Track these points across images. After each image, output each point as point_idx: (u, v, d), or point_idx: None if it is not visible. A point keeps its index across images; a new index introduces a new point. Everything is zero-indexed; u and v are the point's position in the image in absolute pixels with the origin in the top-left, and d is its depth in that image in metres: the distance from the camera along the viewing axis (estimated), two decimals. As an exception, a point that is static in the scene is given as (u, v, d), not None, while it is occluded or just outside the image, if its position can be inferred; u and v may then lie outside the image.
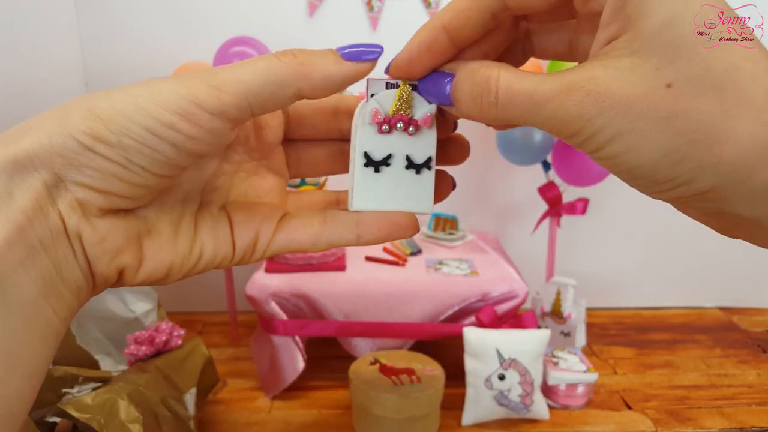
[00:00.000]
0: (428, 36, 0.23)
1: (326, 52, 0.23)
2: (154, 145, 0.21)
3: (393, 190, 0.26)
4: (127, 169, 0.21)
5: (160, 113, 0.20)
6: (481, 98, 0.21)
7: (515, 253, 1.12)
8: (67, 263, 0.21)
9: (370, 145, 0.26)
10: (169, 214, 0.24)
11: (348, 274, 0.92)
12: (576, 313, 0.98)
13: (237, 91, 0.21)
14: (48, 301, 0.20)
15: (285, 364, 0.88)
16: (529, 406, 0.81)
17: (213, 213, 0.25)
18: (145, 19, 1.07)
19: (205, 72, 0.22)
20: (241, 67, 0.21)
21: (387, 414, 0.76)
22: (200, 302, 1.21)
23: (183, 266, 0.24)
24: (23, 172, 0.20)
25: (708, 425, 0.83)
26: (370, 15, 1.08)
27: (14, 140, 0.20)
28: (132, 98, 0.21)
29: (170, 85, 0.21)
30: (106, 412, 0.65)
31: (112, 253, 0.22)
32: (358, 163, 0.26)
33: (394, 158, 0.26)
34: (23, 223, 0.19)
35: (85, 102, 0.21)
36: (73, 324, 0.95)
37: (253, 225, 0.25)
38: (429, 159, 0.26)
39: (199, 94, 0.21)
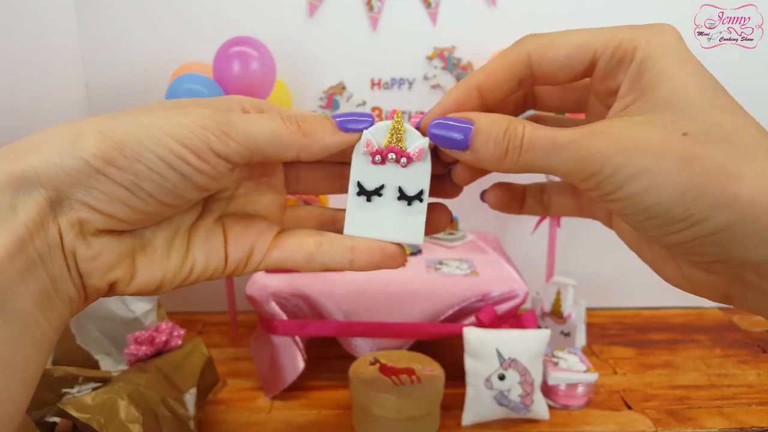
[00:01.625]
0: (462, 94, 0.25)
1: (325, 121, 0.25)
2: (164, 173, 0.22)
3: (384, 219, 0.27)
4: (134, 194, 0.22)
5: (172, 144, 0.21)
6: (508, 143, 0.23)
7: (515, 253, 1.12)
8: (62, 276, 0.22)
9: (363, 174, 0.27)
10: (165, 230, 0.25)
11: (348, 274, 0.92)
12: (576, 313, 0.98)
13: (244, 143, 0.23)
14: (43, 312, 0.21)
15: (285, 364, 0.88)
16: (529, 406, 0.81)
17: (208, 225, 0.26)
18: (144, 20, 1.07)
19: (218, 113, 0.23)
20: (251, 122, 0.23)
21: (387, 414, 0.76)
22: (200, 302, 1.21)
23: (174, 279, 0.25)
24: (28, 187, 0.20)
25: (708, 425, 0.84)
26: (370, 15, 1.08)
27: (23, 155, 0.21)
28: (145, 125, 0.21)
29: (183, 119, 0.22)
30: (106, 412, 0.65)
31: (105, 269, 0.23)
32: (351, 191, 0.27)
33: (386, 189, 0.27)
34: (24, 237, 0.20)
35: (98, 124, 0.21)
36: (73, 324, 0.95)
37: (248, 239, 0.26)
38: (421, 192, 0.27)
39: (210, 137, 0.22)
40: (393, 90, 1.12)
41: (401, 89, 1.12)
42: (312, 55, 1.10)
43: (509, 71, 0.24)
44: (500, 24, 1.09)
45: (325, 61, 1.11)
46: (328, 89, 1.12)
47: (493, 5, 1.08)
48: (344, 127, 0.25)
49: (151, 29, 1.08)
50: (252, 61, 0.91)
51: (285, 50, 1.05)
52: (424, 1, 1.08)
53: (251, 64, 0.91)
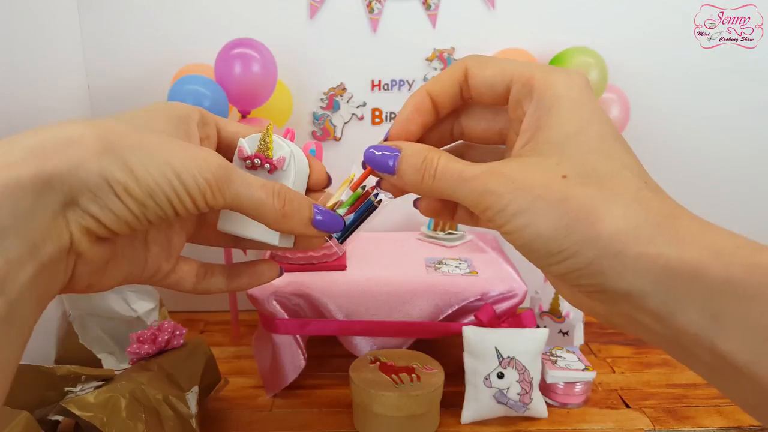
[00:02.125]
0: (418, 99, 0.29)
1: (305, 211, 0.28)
2: (165, 208, 0.24)
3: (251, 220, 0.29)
4: (138, 219, 0.24)
5: (179, 189, 0.24)
6: (424, 171, 0.27)
7: (514, 252, 1.12)
8: (57, 278, 0.23)
9: None
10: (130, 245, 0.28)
11: (348, 273, 0.93)
12: (574, 312, 0.98)
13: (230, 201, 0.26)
14: (35, 314, 0.22)
15: (286, 363, 0.89)
16: (528, 404, 0.82)
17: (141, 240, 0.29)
18: (146, 21, 1.08)
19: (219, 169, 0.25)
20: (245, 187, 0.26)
21: (387, 412, 0.77)
22: (202, 301, 1.21)
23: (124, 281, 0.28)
24: (50, 193, 0.21)
25: (706, 423, 0.84)
26: (370, 17, 1.09)
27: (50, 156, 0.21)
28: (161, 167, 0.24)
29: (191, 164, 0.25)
30: (108, 410, 0.65)
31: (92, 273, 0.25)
32: None
33: None
34: (38, 242, 0.21)
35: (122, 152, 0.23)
36: (76, 323, 0.95)
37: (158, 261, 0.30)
38: None
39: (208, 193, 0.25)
40: (393, 91, 1.13)
41: (401, 90, 1.13)
42: (313, 56, 1.11)
43: (452, 78, 0.28)
44: (499, 26, 1.10)
45: (325, 63, 1.11)
46: (329, 90, 1.13)
47: (492, 7, 1.09)
48: (318, 226, 0.28)
49: (153, 31, 1.08)
50: (253, 63, 0.92)
51: (286, 52, 1.06)
52: (424, 4, 1.08)
53: (252, 66, 0.92)
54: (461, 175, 0.25)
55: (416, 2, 1.08)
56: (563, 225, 0.22)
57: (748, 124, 1.12)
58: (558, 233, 0.22)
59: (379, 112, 1.14)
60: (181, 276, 0.30)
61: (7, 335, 0.20)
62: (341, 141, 1.16)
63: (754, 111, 1.13)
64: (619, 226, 0.22)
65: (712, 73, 1.11)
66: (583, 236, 0.22)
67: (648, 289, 0.21)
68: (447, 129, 0.31)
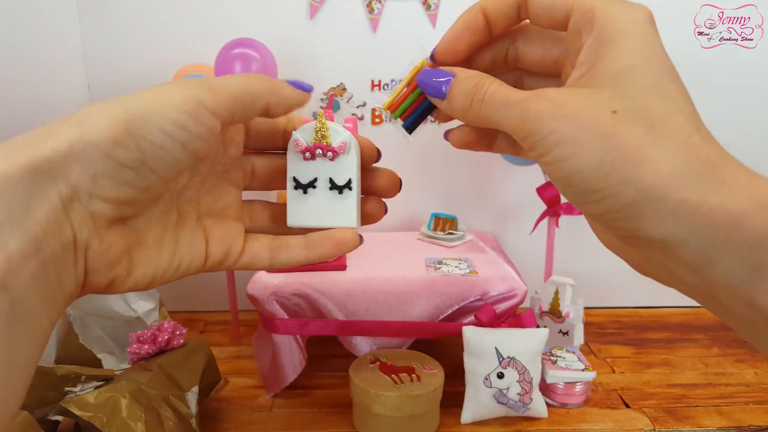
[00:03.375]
0: (470, 17, 0.27)
1: (281, 80, 0.28)
2: (167, 146, 0.23)
3: (320, 208, 0.30)
4: (138, 173, 0.23)
5: (172, 114, 0.23)
6: (473, 96, 0.26)
7: (514, 252, 1.12)
8: (67, 275, 0.22)
9: (298, 170, 0.30)
10: (156, 226, 0.26)
11: (348, 273, 0.93)
12: (574, 312, 0.98)
13: (227, 95, 0.25)
14: (46, 310, 0.21)
15: (286, 363, 0.89)
16: (528, 404, 0.82)
17: (191, 226, 0.28)
18: (146, 21, 1.08)
19: (199, 79, 0.25)
20: (229, 80, 0.26)
21: (387, 412, 0.77)
22: (202, 301, 1.22)
23: (164, 275, 0.27)
24: (41, 182, 0.21)
25: (706, 424, 0.84)
26: (370, 17, 1.09)
27: (34, 145, 0.21)
28: (145, 102, 0.23)
29: (175, 88, 0.24)
30: (108, 410, 0.66)
31: (111, 264, 0.24)
32: (288, 186, 0.30)
33: (318, 181, 0.30)
34: (39, 237, 0.20)
35: (101, 108, 0.23)
36: (76, 323, 0.95)
37: (226, 242, 0.29)
38: (349, 180, 0.30)
39: (203, 96, 0.24)
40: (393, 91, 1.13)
41: (401, 90, 1.13)
42: (313, 56, 1.11)
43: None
44: (499, 25, 1.10)
45: (325, 63, 1.11)
46: (329, 90, 1.13)
47: (493, 7, 1.09)
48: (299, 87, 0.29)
49: (153, 31, 1.08)
50: (253, 63, 0.92)
51: (286, 52, 1.06)
52: (424, 3, 1.08)
53: (252, 66, 0.92)
54: (507, 99, 0.24)
55: (416, 2, 1.08)
56: (607, 162, 0.21)
57: (748, 124, 1.12)
58: (600, 170, 0.21)
59: (380, 112, 1.14)
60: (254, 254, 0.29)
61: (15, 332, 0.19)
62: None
63: (754, 111, 1.13)
64: (663, 170, 0.21)
65: (712, 73, 1.11)
66: (625, 176, 0.21)
67: (686, 237, 0.20)
68: (501, 52, 0.29)
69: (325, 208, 0.30)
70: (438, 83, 0.27)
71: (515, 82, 0.30)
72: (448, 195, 1.18)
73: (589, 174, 0.22)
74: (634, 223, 0.22)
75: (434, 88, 0.27)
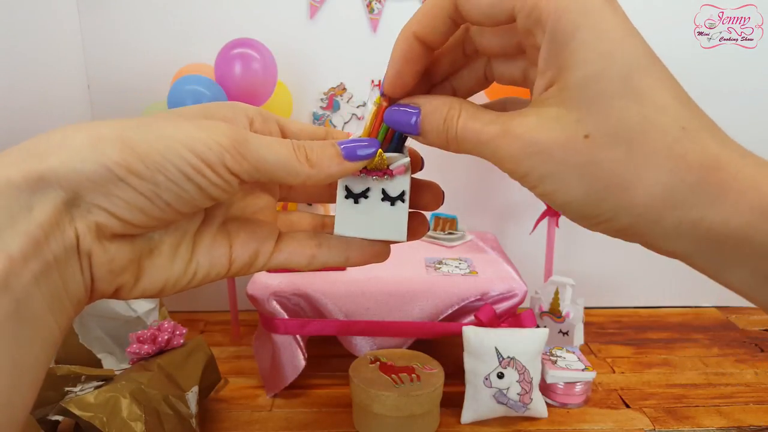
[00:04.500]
0: (404, 47, 0.25)
1: (331, 150, 0.25)
2: (183, 185, 0.22)
3: (370, 219, 0.29)
4: (152, 202, 0.22)
5: (191, 158, 0.22)
6: (446, 133, 0.24)
7: (514, 252, 1.12)
8: (73, 279, 0.22)
9: (350, 180, 0.29)
10: (173, 235, 0.25)
11: (348, 273, 0.93)
12: (574, 312, 0.98)
13: (255, 165, 0.23)
14: (53, 313, 0.21)
15: (286, 363, 0.89)
16: (528, 404, 0.82)
17: (212, 232, 0.27)
18: (146, 21, 1.08)
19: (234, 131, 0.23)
20: (264, 146, 0.24)
21: (387, 412, 0.77)
22: (202, 301, 1.22)
23: (177, 283, 0.25)
24: (46, 189, 0.20)
25: (706, 424, 0.84)
26: (370, 17, 1.09)
27: (43, 155, 0.21)
28: (167, 136, 0.22)
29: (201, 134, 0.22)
30: (108, 410, 0.65)
31: (116, 273, 0.23)
32: (339, 195, 0.29)
33: (371, 191, 0.29)
34: (40, 238, 0.20)
35: (120, 131, 0.22)
36: (76, 323, 0.95)
37: (253, 244, 0.27)
38: (403, 193, 0.29)
39: (226, 156, 0.22)
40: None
41: (401, 90, 1.13)
42: (313, 56, 1.11)
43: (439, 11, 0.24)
44: (499, 25, 1.10)
45: (325, 63, 1.11)
46: (329, 90, 1.13)
47: (493, 7, 1.09)
48: (350, 156, 0.26)
49: (154, 31, 1.08)
50: (253, 63, 0.92)
51: (286, 52, 1.06)
52: (424, 3, 1.08)
53: (253, 66, 0.92)
54: (479, 138, 0.23)
55: (416, 2, 1.08)
56: (593, 191, 0.20)
57: (748, 124, 1.12)
58: (589, 199, 0.20)
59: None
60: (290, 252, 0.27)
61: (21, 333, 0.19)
62: (341, 141, 1.16)
63: (754, 111, 1.13)
64: (653, 193, 0.19)
65: (712, 73, 1.11)
66: (617, 203, 0.20)
67: (692, 252, 0.20)
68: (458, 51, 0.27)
69: (376, 219, 0.29)
70: (408, 122, 0.25)
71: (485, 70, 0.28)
72: (448, 195, 1.17)
73: (581, 204, 0.21)
74: (639, 239, 0.21)
75: (406, 126, 0.26)
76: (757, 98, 1.13)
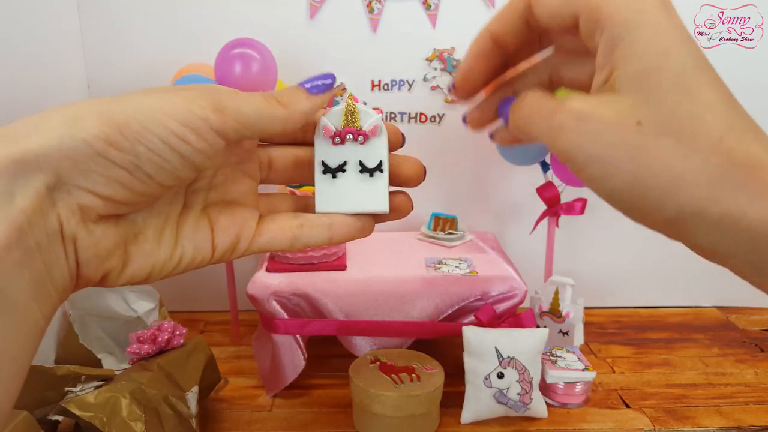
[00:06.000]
0: (480, 47, 0.27)
1: (297, 91, 0.27)
2: (165, 154, 0.22)
3: (350, 192, 0.29)
4: (133, 176, 0.22)
5: (174, 125, 0.22)
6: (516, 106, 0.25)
7: (514, 252, 1.12)
8: (57, 265, 0.21)
9: (326, 155, 0.29)
10: (156, 219, 0.25)
11: (348, 273, 0.93)
12: (574, 312, 0.98)
13: (238, 119, 0.24)
14: (36, 301, 0.21)
15: (286, 363, 0.89)
16: (528, 404, 0.82)
17: (195, 216, 0.27)
18: (146, 21, 1.08)
19: (210, 92, 0.24)
20: (240, 100, 0.24)
21: (387, 412, 0.77)
22: (202, 301, 1.22)
23: (164, 268, 0.25)
24: (27, 173, 0.20)
25: (706, 424, 0.84)
26: (370, 17, 1.09)
27: (21, 138, 0.20)
28: (145, 107, 0.22)
29: (180, 100, 0.23)
30: (108, 410, 0.66)
31: (102, 257, 0.23)
32: (317, 171, 0.29)
33: (348, 165, 0.29)
34: (22, 225, 0.20)
35: (96, 106, 0.22)
36: (76, 323, 0.95)
37: (234, 229, 0.27)
38: (380, 163, 0.29)
39: (209, 116, 0.23)
40: (393, 91, 1.13)
41: (401, 90, 1.13)
42: (313, 56, 1.11)
43: (515, 11, 0.25)
44: (499, 25, 1.10)
45: (325, 63, 1.11)
46: (329, 90, 1.13)
47: (492, 7, 1.09)
48: (314, 89, 0.27)
49: (154, 31, 1.08)
50: (253, 63, 0.92)
51: (286, 52, 1.06)
52: (424, 3, 1.08)
53: (253, 66, 0.92)
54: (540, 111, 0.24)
55: (416, 2, 1.08)
56: (640, 180, 0.21)
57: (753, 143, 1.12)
58: (635, 188, 0.21)
59: (380, 111, 1.14)
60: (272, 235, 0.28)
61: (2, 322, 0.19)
62: (341, 141, 1.16)
63: (754, 111, 1.13)
64: (698, 185, 0.20)
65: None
66: (662, 193, 0.20)
67: (734, 250, 0.20)
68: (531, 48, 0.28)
69: (356, 192, 0.29)
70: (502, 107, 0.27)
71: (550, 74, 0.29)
72: (448, 195, 1.18)
73: (626, 192, 0.21)
74: (680, 234, 0.21)
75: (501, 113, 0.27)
76: (757, 98, 1.13)
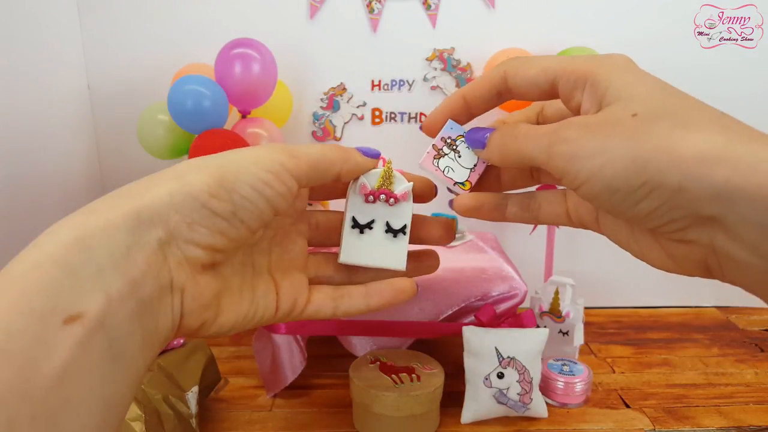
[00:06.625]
0: (452, 101, 0.32)
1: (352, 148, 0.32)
2: (254, 199, 0.26)
3: (374, 249, 0.32)
4: (230, 223, 0.25)
5: (259, 172, 0.26)
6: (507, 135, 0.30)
7: (514, 252, 1.12)
8: (164, 317, 0.23)
9: (357, 211, 0.32)
10: (237, 275, 0.29)
11: (348, 273, 0.93)
12: (574, 312, 0.98)
13: (306, 161, 0.28)
14: (143, 351, 0.22)
15: (286, 363, 0.89)
16: (528, 404, 0.82)
17: (264, 278, 0.31)
18: (146, 21, 1.08)
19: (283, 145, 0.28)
20: (307, 148, 0.29)
21: (387, 412, 0.77)
22: (201, 302, 1.21)
23: (243, 321, 0.29)
24: (142, 228, 0.22)
25: (706, 424, 0.84)
26: (371, 17, 1.09)
27: (138, 195, 0.23)
28: (236, 161, 0.26)
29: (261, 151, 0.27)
30: (109, 409, 0.65)
31: (203, 307, 0.25)
32: (346, 225, 0.32)
33: (376, 223, 0.32)
34: (137, 279, 0.21)
35: (197, 165, 0.25)
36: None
37: (293, 294, 0.31)
38: (405, 226, 0.33)
39: (285, 160, 0.27)
40: (393, 91, 1.13)
41: (401, 90, 1.13)
42: (313, 56, 1.11)
43: (490, 84, 0.30)
44: (499, 26, 1.10)
45: (325, 63, 1.11)
46: (329, 90, 1.13)
47: (493, 7, 1.09)
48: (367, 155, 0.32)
49: (153, 31, 1.08)
50: (253, 63, 0.92)
51: (286, 52, 1.06)
52: (424, 4, 1.08)
53: (253, 66, 0.92)
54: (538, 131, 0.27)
55: (416, 2, 1.08)
56: (640, 155, 0.22)
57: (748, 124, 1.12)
58: (636, 164, 0.22)
59: (379, 112, 1.14)
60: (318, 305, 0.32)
61: (112, 371, 0.20)
62: (341, 141, 1.16)
63: (753, 111, 1.13)
64: (701, 148, 0.20)
65: (712, 74, 1.11)
66: (665, 162, 0.21)
67: (743, 212, 0.20)
68: None
69: (379, 249, 0.32)
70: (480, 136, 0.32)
71: None
72: (449, 195, 1.18)
73: (628, 174, 0.22)
74: (689, 207, 0.21)
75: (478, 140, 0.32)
76: (757, 98, 1.13)
